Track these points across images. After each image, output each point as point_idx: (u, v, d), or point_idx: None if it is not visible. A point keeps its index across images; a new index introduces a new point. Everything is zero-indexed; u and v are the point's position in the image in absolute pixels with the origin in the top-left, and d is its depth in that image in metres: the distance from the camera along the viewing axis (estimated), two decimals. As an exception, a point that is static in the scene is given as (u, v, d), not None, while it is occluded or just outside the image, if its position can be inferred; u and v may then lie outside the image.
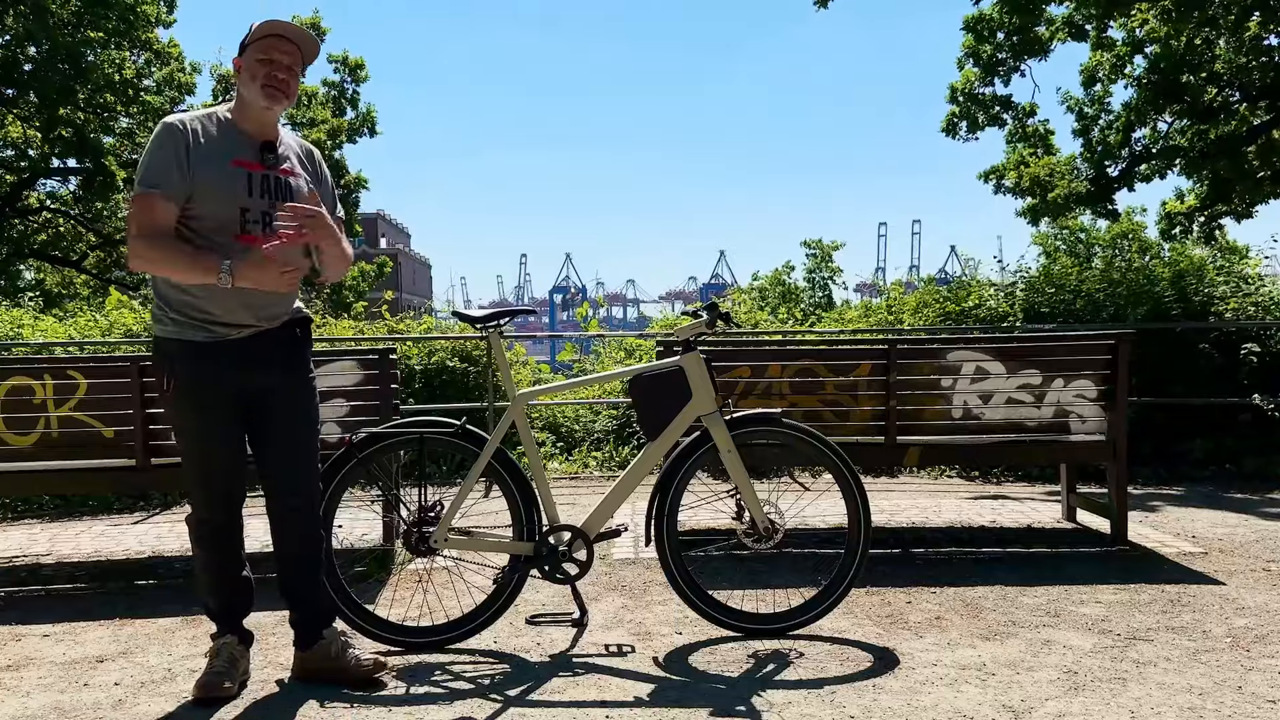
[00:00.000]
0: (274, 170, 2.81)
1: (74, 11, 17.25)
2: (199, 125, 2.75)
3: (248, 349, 2.79)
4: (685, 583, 3.31)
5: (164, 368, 2.78)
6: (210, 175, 2.70)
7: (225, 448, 2.84)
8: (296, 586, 2.98)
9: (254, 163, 2.78)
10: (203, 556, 2.91)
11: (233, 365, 2.78)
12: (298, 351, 2.94)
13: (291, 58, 2.79)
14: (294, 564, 2.97)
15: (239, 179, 2.75)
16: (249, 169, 2.76)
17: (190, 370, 2.75)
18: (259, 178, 2.78)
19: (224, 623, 2.93)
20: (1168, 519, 5.25)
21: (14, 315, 8.13)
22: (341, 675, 2.92)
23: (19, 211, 19.77)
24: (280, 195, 2.81)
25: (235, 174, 2.74)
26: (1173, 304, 7.26)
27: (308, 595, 2.98)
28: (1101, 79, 15.18)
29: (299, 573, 2.97)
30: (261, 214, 2.77)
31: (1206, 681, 2.89)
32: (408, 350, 7.70)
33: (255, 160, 2.78)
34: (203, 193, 2.70)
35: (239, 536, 2.96)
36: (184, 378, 2.76)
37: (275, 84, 2.76)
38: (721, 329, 3.42)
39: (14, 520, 5.81)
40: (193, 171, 2.68)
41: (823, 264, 25.64)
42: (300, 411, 2.93)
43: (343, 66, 22.74)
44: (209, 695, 2.79)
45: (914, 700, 2.76)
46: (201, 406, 2.78)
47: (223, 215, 2.73)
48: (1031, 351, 4.62)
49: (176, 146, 2.68)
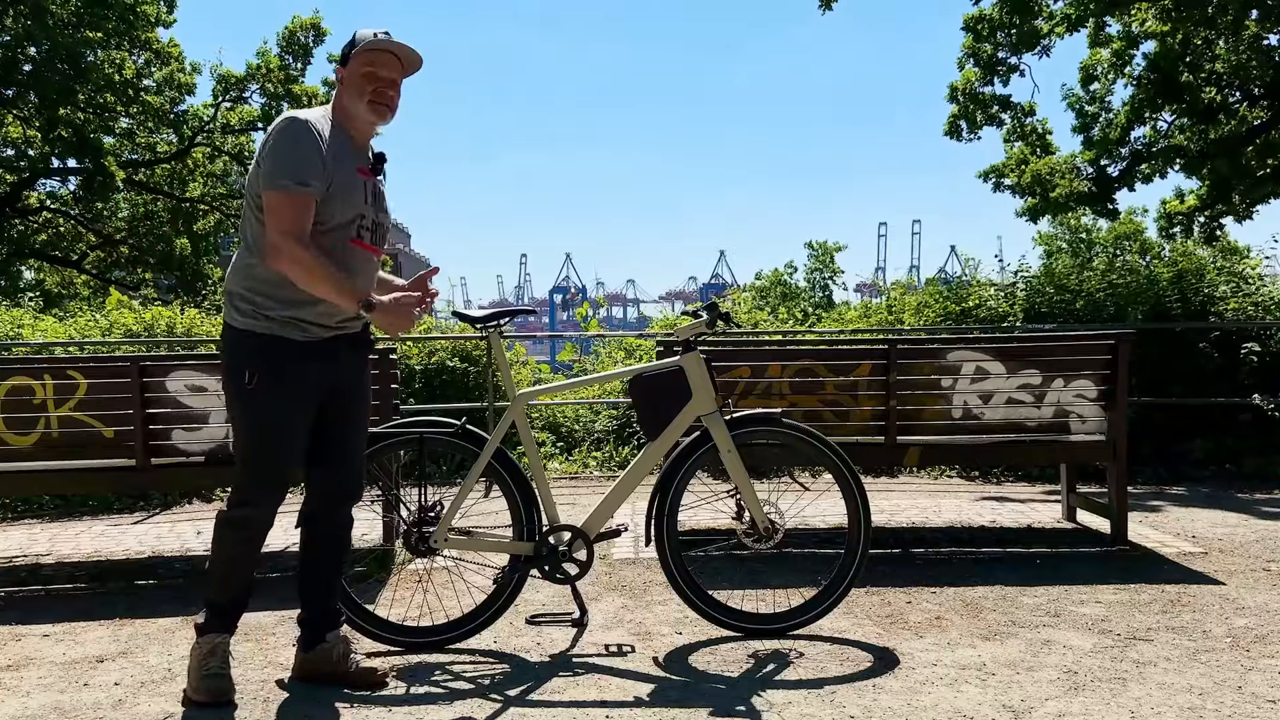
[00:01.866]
0: (376, 177, 2.88)
1: (74, 12, 17.24)
2: (322, 127, 2.74)
3: (330, 348, 2.84)
4: (685, 583, 3.31)
5: (250, 362, 2.74)
6: (342, 178, 2.73)
7: (298, 443, 2.84)
8: (317, 588, 2.97)
9: (368, 171, 2.83)
10: (234, 554, 2.84)
11: (319, 363, 2.80)
12: (366, 352, 3.01)
13: (394, 71, 2.82)
14: (321, 567, 2.97)
15: (360, 185, 2.79)
16: (364, 177, 2.81)
17: (284, 367, 2.75)
18: (370, 186, 2.83)
19: (226, 621, 2.91)
20: (1168, 519, 5.25)
21: (14, 315, 8.12)
22: (342, 680, 2.92)
23: (19, 211, 19.76)
24: (381, 208, 2.89)
25: (358, 179, 2.79)
26: (1173, 304, 7.26)
27: (319, 595, 2.97)
28: (1100, 77, 15.19)
29: (324, 574, 2.97)
30: (372, 222, 2.84)
31: (1206, 681, 2.89)
32: (408, 350, 7.70)
33: (369, 169, 2.84)
34: (334, 195, 2.71)
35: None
36: (279, 373, 2.74)
37: (383, 100, 2.79)
38: (721, 329, 3.42)
39: (14, 520, 5.81)
40: (329, 172, 2.69)
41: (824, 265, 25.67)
42: (364, 410, 3.01)
43: (343, 67, 22.70)
44: (219, 700, 2.76)
45: (914, 700, 2.76)
46: (291, 402, 2.78)
47: (346, 219, 2.76)
48: (1031, 351, 4.62)
49: (316, 144, 2.67)
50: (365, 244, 2.83)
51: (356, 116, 2.80)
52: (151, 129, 20.07)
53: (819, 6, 11.39)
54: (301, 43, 20.85)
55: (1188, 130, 14.32)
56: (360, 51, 2.78)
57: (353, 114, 2.81)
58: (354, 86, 2.79)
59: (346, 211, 2.76)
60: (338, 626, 3.00)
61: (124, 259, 21.66)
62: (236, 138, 21.17)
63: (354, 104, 2.79)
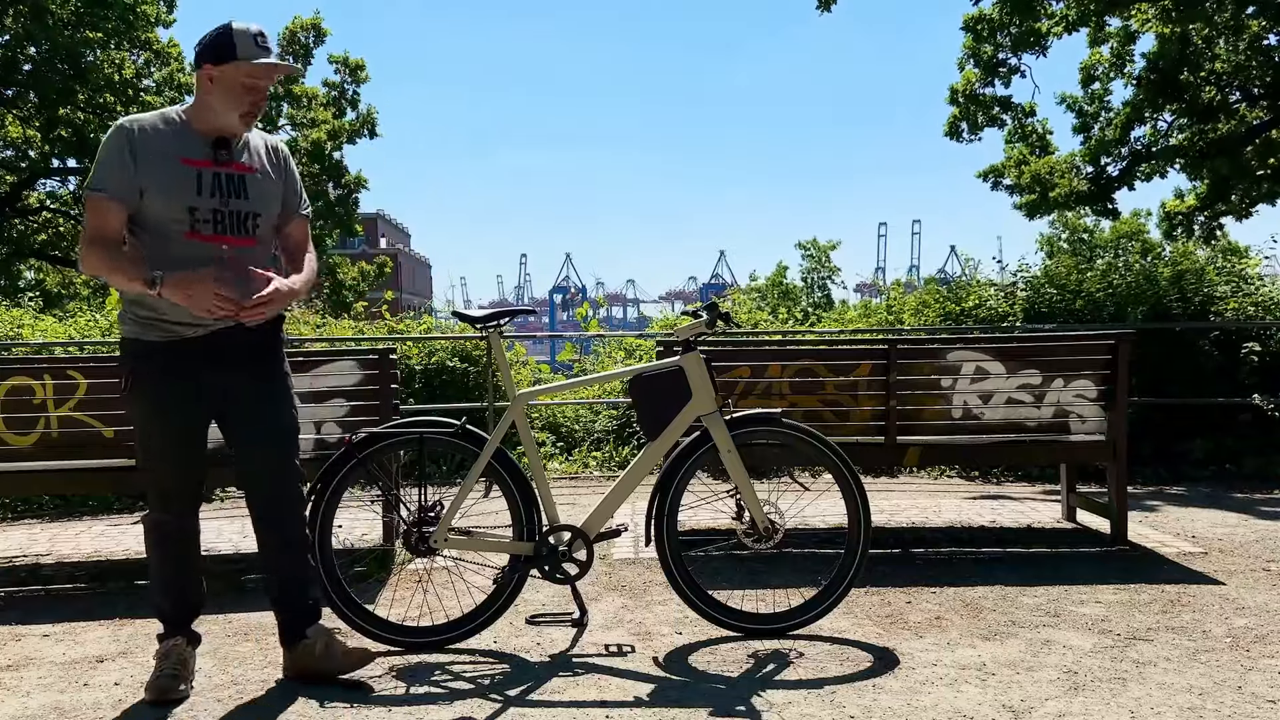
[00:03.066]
0: (226, 167, 2.79)
1: (74, 12, 17.25)
2: (150, 124, 2.74)
3: (210, 346, 2.79)
4: (685, 583, 3.31)
5: (122, 367, 2.82)
6: (158, 174, 2.70)
7: (180, 448, 2.85)
8: (279, 587, 2.99)
9: (205, 160, 2.76)
10: (157, 557, 2.91)
11: (193, 364, 2.78)
12: (266, 348, 2.92)
13: (273, 82, 2.83)
14: (277, 564, 2.99)
15: (188, 177, 2.73)
16: (199, 166, 2.75)
17: (145, 370, 2.77)
18: (210, 175, 2.76)
19: (173, 625, 2.93)
20: (1168, 519, 5.25)
21: (14, 315, 8.12)
22: (328, 673, 2.93)
23: (19, 211, 19.76)
24: (235, 192, 2.79)
25: (185, 172, 2.73)
26: (1173, 304, 7.26)
27: (285, 596, 2.99)
28: (1100, 76, 15.19)
29: (278, 573, 2.99)
30: (212, 212, 2.75)
31: (1206, 681, 2.89)
32: (408, 350, 7.70)
33: (207, 158, 2.76)
34: (151, 192, 2.70)
35: (196, 539, 2.97)
36: (139, 377, 2.77)
37: (255, 113, 2.79)
38: (721, 329, 3.42)
39: (14, 520, 5.81)
40: (139, 171, 2.68)
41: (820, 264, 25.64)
42: (272, 410, 2.92)
43: (343, 67, 22.74)
44: (163, 698, 2.80)
45: (914, 700, 2.76)
46: (156, 406, 2.79)
47: (170, 214, 2.72)
48: (1031, 351, 4.62)
49: (122, 147, 2.68)
50: (204, 235, 2.74)
51: (220, 119, 2.75)
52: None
53: (818, 7, 11.38)
54: (302, 43, 20.87)
55: (1187, 130, 14.32)
56: (246, 64, 2.71)
57: (218, 116, 2.75)
58: (230, 95, 2.72)
59: (170, 207, 2.71)
60: (315, 621, 3.00)
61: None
62: (236, 138, 21.16)
63: (225, 111, 2.74)
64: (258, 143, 2.91)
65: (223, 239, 2.77)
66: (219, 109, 2.75)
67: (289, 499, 2.97)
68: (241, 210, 2.80)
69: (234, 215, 2.79)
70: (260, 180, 2.86)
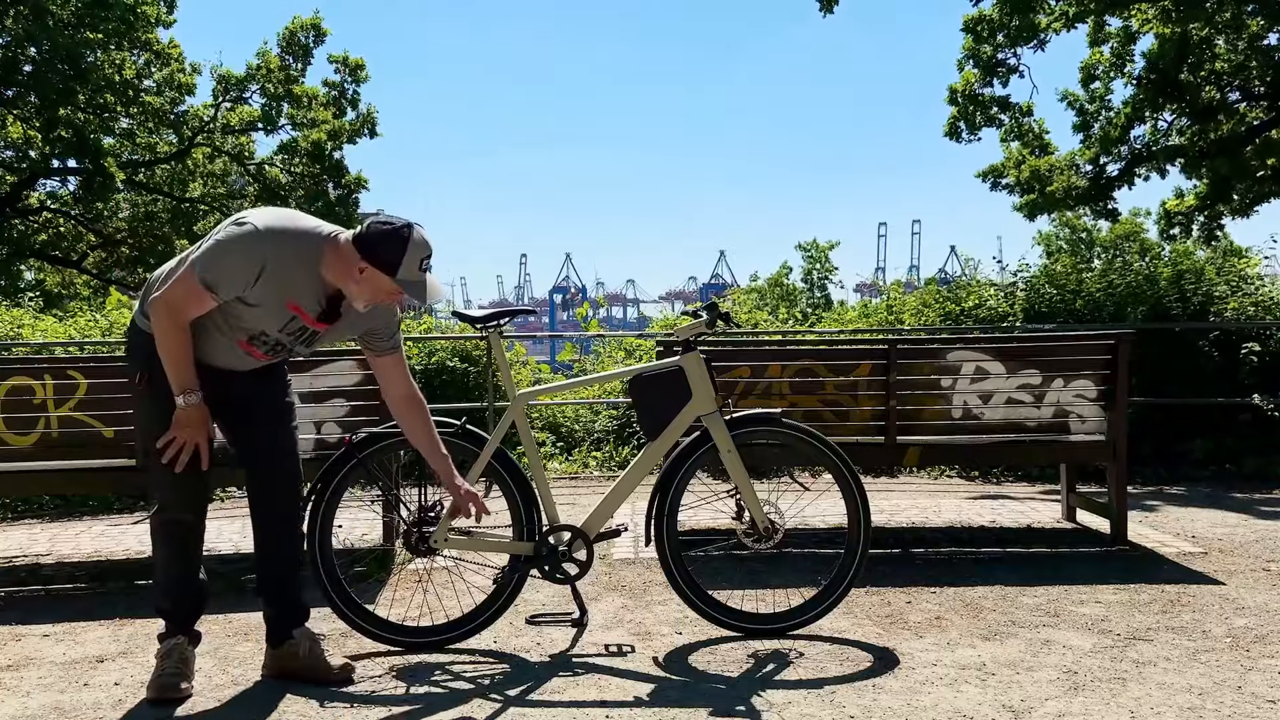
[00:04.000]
0: (316, 324, 2.84)
1: (74, 12, 17.23)
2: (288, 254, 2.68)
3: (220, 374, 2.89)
4: (685, 583, 3.31)
5: (141, 363, 2.82)
6: (263, 302, 2.72)
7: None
8: (271, 585, 3.01)
9: (307, 315, 2.80)
10: (166, 557, 2.92)
11: (207, 377, 2.82)
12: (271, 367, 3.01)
13: None
14: (273, 563, 3.01)
15: (283, 317, 2.78)
16: (298, 315, 2.79)
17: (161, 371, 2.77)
18: (298, 324, 2.81)
19: (176, 624, 2.94)
20: (1168, 519, 5.25)
21: (14, 315, 8.12)
22: (310, 676, 2.94)
23: (19, 211, 19.74)
24: (303, 340, 2.87)
25: (283, 313, 2.77)
26: (1173, 304, 7.26)
27: (279, 595, 3.01)
28: (1100, 76, 15.18)
29: (274, 572, 3.01)
30: (275, 343, 2.84)
31: (1206, 681, 2.89)
32: (408, 350, 7.69)
33: (309, 312, 2.79)
34: (248, 310, 2.73)
35: (200, 538, 2.98)
36: (156, 377, 2.79)
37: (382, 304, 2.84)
38: (721, 329, 3.42)
39: (14, 520, 5.81)
40: (252, 294, 2.69)
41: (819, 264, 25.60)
42: (277, 413, 3.00)
43: (343, 67, 22.72)
44: (165, 697, 2.80)
45: (914, 700, 2.76)
46: (168, 406, 2.80)
47: (248, 328, 2.78)
48: (1031, 351, 4.62)
49: (249, 268, 2.64)
50: (254, 350, 2.84)
51: (346, 292, 2.75)
52: (151, 129, 20.06)
53: (820, 9, 11.37)
54: (302, 43, 20.84)
55: (1187, 130, 14.32)
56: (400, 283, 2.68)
57: (346, 288, 2.74)
58: (371, 290, 2.71)
59: (251, 325, 2.77)
60: (303, 623, 3.02)
61: (124, 259, 21.64)
62: (237, 138, 21.16)
63: (358, 294, 2.72)
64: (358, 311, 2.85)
65: (265, 358, 2.89)
66: (354, 292, 2.73)
67: (287, 500, 3.01)
68: (298, 353, 2.95)
69: (289, 351, 2.92)
70: (336, 330, 2.91)
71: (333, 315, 2.84)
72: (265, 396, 2.99)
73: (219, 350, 2.83)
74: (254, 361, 2.91)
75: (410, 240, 2.68)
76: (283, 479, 3.00)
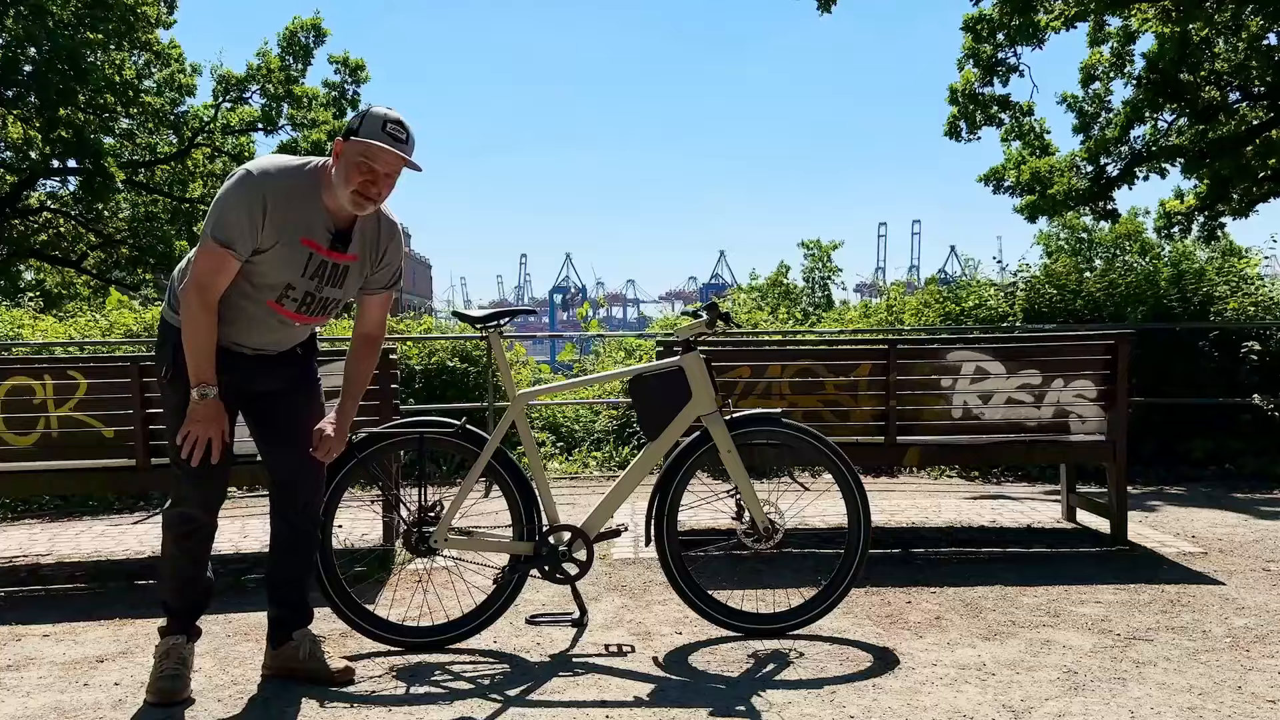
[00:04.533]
0: (336, 255, 2.81)
1: (74, 13, 17.24)
2: (285, 187, 2.69)
3: (252, 360, 2.87)
4: (685, 583, 3.31)
5: (168, 356, 2.80)
6: (280, 247, 2.70)
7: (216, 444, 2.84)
8: (282, 585, 3.01)
9: (321, 246, 2.77)
10: (177, 554, 2.90)
11: (236, 372, 2.82)
12: (302, 363, 2.99)
13: (391, 167, 2.72)
14: (286, 564, 3.01)
15: (301, 255, 2.75)
16: (314, 249, 2.76)
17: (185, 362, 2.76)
18: (318, 260, 2.78)
19: (180, 622, 2.93)
20: (1168, 519, 5.25)
21: (14, 315, 8.13)
22: (310, 676, 2.94)
23: (19, 211, 19.75)
24: (333, 280, 2.83)
25: (300, 251, 2.74)
26: (1173, 304, 7.26)
27: (289, 596, 3.01)
28: (1100, 76, 15.18)
29: (288, 572, 3.01)
30: (304, 294, 2.80)
31: (1206, 681, 2.89)
32: (408, 350, 7.70)
33: (324, 245, 2.77)
34: (267, 258, 2.71)
35: (211, 536, 2.98)
36: (180, 368, 2.78)
37: (368, 194, 2.72)
38: (721, 329, 3.41)
39: (14, 520, 5.81)
40: (264, 237, 2.67)
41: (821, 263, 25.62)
42: (299, 411, 2.97)
43: (343, 68, 22.72)
44: (165, 700, 2.79)
45: (914, 700, 2.76)
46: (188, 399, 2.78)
47: (272, 282, 2.75)
48: (1031, 351, 4.62)
49: (254, 209, 2.64)
50: (284, 309, 2.79)
51: (337, 192, 2.73)
52: (152, 130, 20.07)
53: (817, 8, 11.37)
54: (302, 43, 20.85)
55: (1188, 130, 14.32)
56: (362, 142, 2.67)
57: (336, 193, 2.74)
58: (345, 169, 2.69)
59: (274, 278, 2.74)
60: (306, 624, 3.02)
61: (124, 259, 21.64)
62: (237, 138, 21.17)
63: (340, 186, 2.71)
64: (371, 227, 2.88)
65: (300, 318, 2.84)
66: (337, 182, 2.72)
67: (306, 501, 3.00)
68: (330, 298, 2.86)
69: (321, 301, 2.85)
70: (356, 271, 2.88)
71: (347, 244, 2.80)
72: (294, 397, 2.96)
73: (252, 325, 2.79)
74: (289, 330, 2.85)
75: (370, 110, 2.73)
76: (306, 482, 2.99)
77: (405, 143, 2.72)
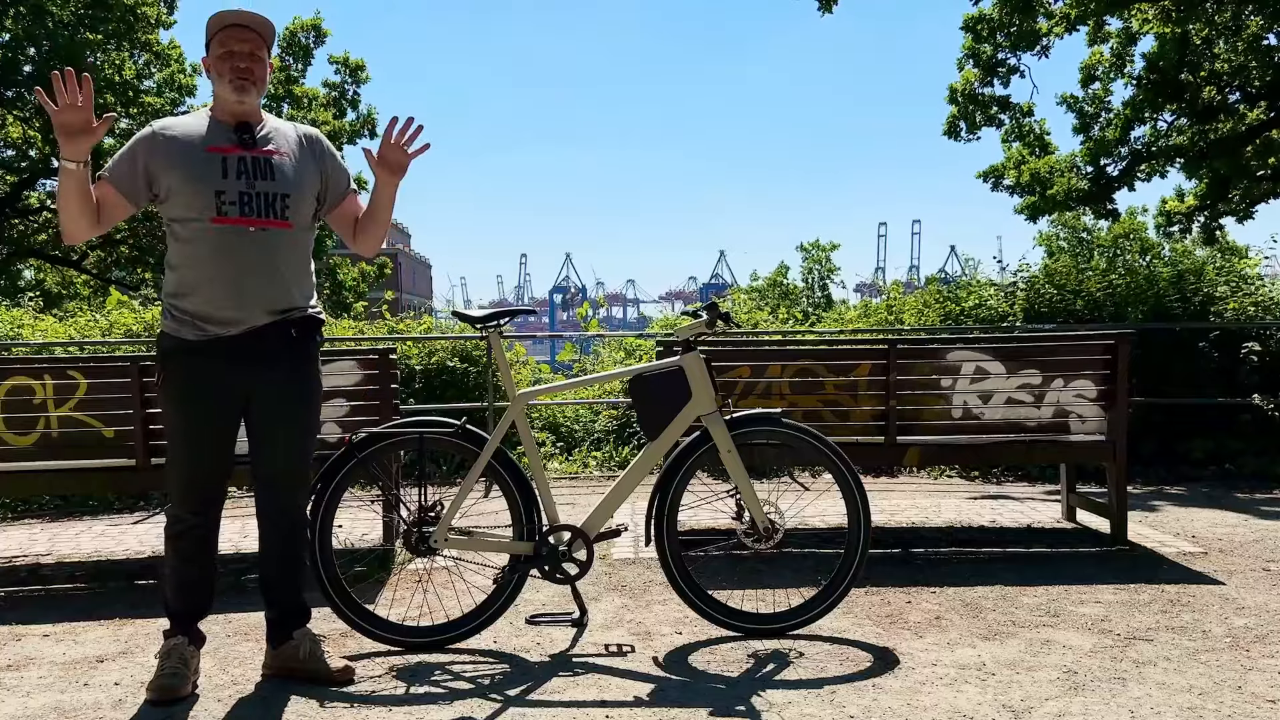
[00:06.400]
0: (252, 150, 2.83)
1: (74, 13, 17.25)
2: (178, 123, 2.88)
3: (243, 346, 2.81)
4: (685, 583, 3.31)
5: (159, 361, 2.87)
6: (185, 165, 2.77)
7: (203, 447, 2.86)
8: (274, 586, 3.01)
9: (229, 145, 2.82)
10: (174, 557, 2.91)
11: (227, 364, 2.81)
12: (298, 351, 2.93)
13: (251, 44, 2.84)
14: (276, 564, 3.01)
15: (213, 163, 2.79)
16: (224, 152, 2.81)
17: (181, 367, 2.80)
18: (235, 160, 2.81)
19: (180, 624, 2.93)
20: (1168, 519, 5.25)
21: (14, 315, 8.13)
22: (310, 676, 2.94)
23: (19, 211, 19.76)
24: (261, 175, 2.83)
25: (209, 159, 2.79)
26: (1173, 304, 7.26)
27: (283, 596, 3.01)
28: (1100, 76, 15.19)
29: (279, 572, 3.01)
30: (239, 194, 2.79)
31: (1206, 681, 2.89)
32: (408, 350, 7.70)
33: (231, 143, 2.83)
34: (180, 182, 2.77)
35: (214, 540, 2.97)
36: (175, 374, 2.80)
37: (240, 74, 2.82)
38: (721, 329, 3.42)
39: (14, 520, 5.81)
40: (156, 167, 2.78)
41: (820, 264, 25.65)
42: (292, 412, 2.94)
43: (344, 68, 22.73)
44: (165, 697, 2.79)
45: (914, 700, 2.76)
46: (189, 405, 2.82)
47: (198, 201, 2.77)
48: (1031, 351, 4.62)
49: (135, 149, 2.81)
50: (231, 217, 2.78)
51: (225, 98, 2.84)
52: (151, 130, 20.06)
53: (818, 8, 11.37)
54: (302, 43, 20.87)
55: (1187, 130, 14.32)
56: (213, 35, 2.83)
57: (222, 96, 2.85)
58: (215, 71, 2.84)
59: (198, 194, 2.77)
60: (304, 623, 3.02)
61: (124, 259, 21.63)
62: (237, 138, 21.17)
63: (221, 88, 2.85)
64: (287, 130, 2.97)
65: (250, 221, 2.80)
66: (218, 91, 2.86)
67: (295, 500, 3.00)
68: (270, 192, 2.83)
69: (261, 197, 2.82)
70: (288, 163, 2.89)
71: (255, 138, 2.85)
72: (281, 395, 2.91)
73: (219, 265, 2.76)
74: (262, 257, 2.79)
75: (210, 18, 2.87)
76: (290, 482, 2.97)
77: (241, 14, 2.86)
